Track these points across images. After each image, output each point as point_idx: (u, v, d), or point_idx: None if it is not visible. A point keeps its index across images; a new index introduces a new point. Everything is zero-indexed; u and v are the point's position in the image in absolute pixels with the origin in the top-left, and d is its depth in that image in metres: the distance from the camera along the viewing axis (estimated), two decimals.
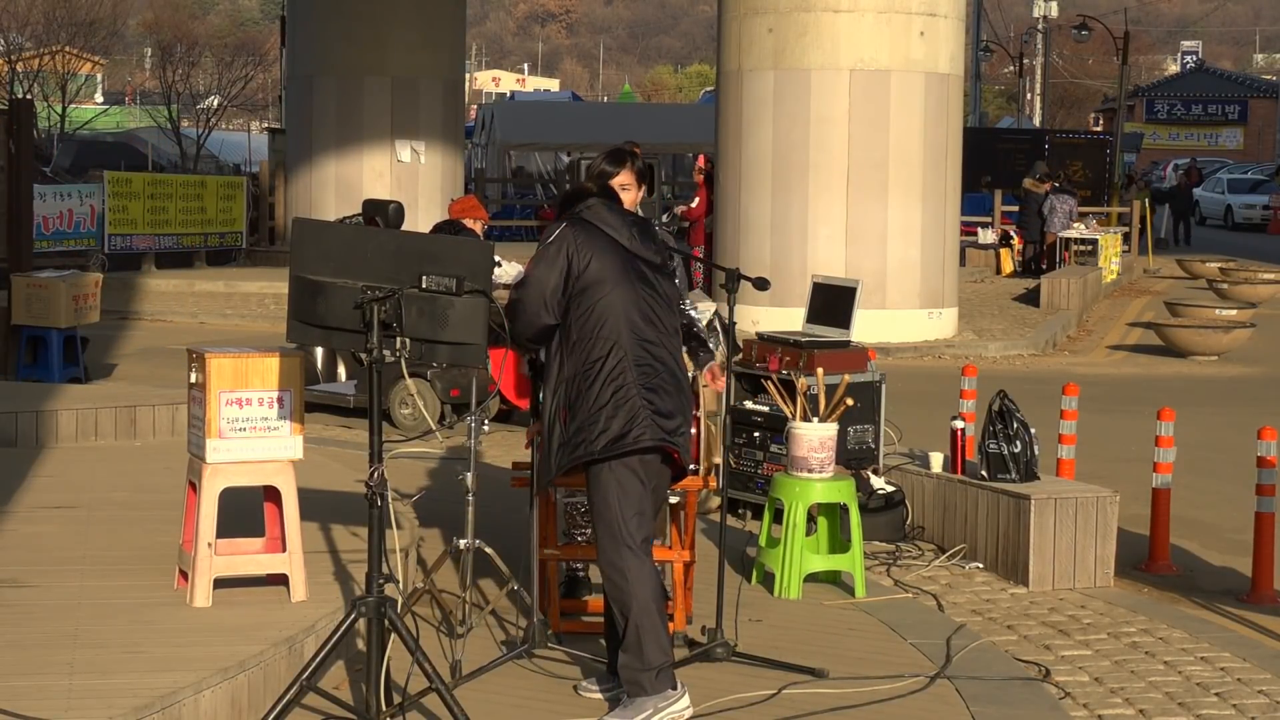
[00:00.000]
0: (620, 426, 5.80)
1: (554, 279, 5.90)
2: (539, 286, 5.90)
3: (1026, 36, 66.28)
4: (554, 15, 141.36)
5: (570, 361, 5.90)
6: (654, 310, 6.01)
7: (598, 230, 5.96)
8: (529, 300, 5.89)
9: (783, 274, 17.70)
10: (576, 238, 5.92)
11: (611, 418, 5.80)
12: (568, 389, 5.90)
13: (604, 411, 5.80)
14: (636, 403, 5.82)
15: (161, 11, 65.91)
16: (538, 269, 5.91)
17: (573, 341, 5.91)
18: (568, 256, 5.90)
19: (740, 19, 19.69)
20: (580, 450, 5.84)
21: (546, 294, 5.89)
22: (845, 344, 9.40)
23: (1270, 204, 50.81)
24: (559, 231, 5.95)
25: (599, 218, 6.01)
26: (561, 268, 5.89)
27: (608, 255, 5.93)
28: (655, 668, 5.77)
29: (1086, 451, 10.98)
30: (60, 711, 5.15)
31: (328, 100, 27.49)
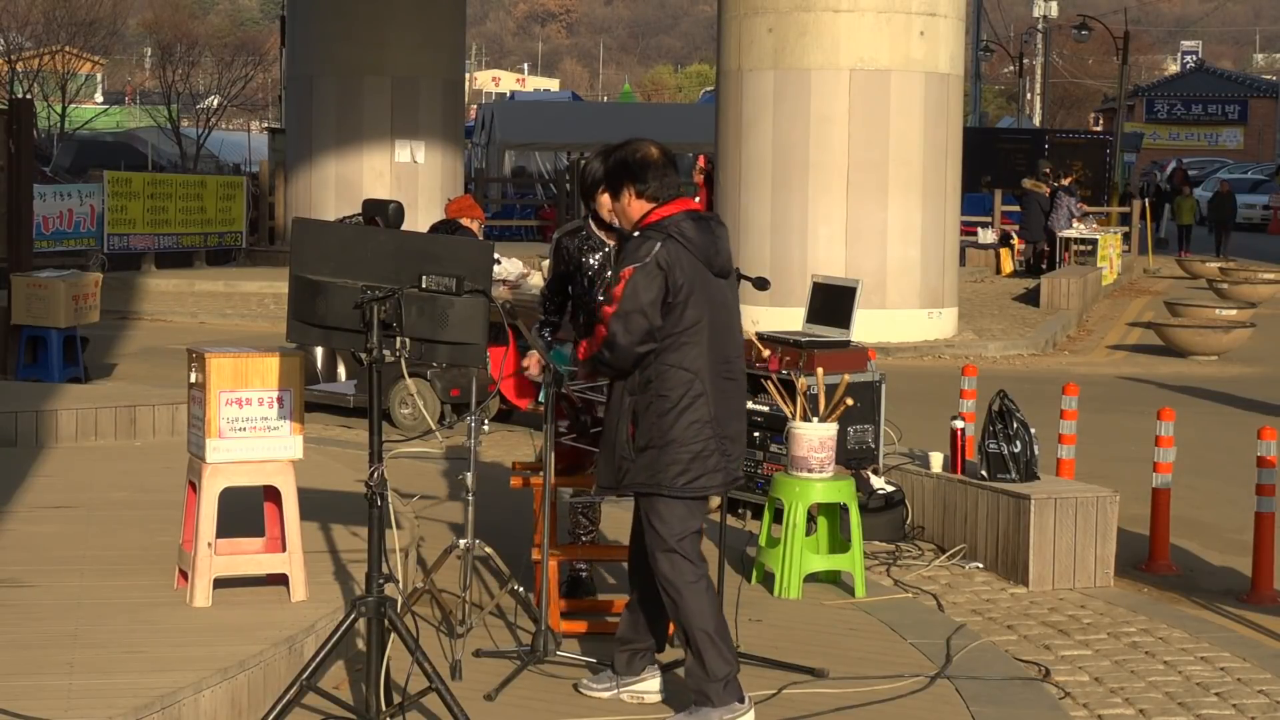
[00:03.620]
0: (697, 470, 5.74)
1: (657, 310, 5.68)
2: (645, 321, 5.67)
3: (1026, 36, 66.30)
4: (554, 15, 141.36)
5: (649, 369, 5.75)
6: (731, 325, 5.92)
7: (685, 251, 5.74)
8: (636, 331, 5.66)
9: (783, 274, 17.69)
10: (670, 262, 5.68)
11: (691, 460, 5.73)
12: (639, 399, 5.77)
13: (683, 451, 5.72)
14: (712, 445, 5.75)
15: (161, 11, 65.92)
16: (640, 297, 5.65)
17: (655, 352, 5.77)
18: (664, 285, 5.68)
19: (740, 19, 19.69)
20: (651, 481, 5.76)
21: (653, 327, 5.69)
22: (845, 344, 9.40)
23: (1270, 204, 50.83)
24: (655, 252, 5.68)
25: (686, 236, 5.76)
26: (659, 294, 5.68)
27: (697, 280, 5.73)
28: (721, 679, 5.76)
29: (1086, 451, 10.98)
30: (60, 711, 5.15)
31: (328, 100, 27.49)
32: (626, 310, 5.65)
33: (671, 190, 5.92)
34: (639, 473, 5.76)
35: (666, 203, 5.85)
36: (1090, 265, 26.70)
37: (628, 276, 5.66)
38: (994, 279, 28.31)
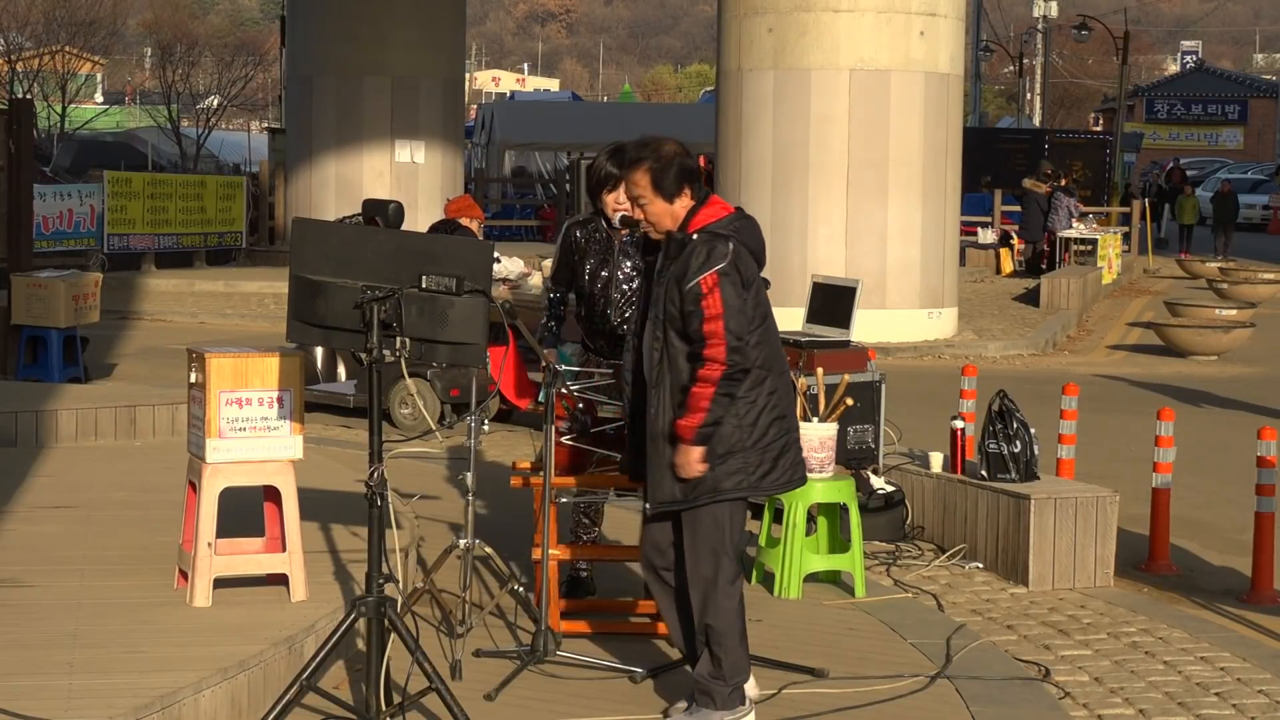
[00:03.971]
0: (784, 467, 5.74)
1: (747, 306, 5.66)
2: (746, 313, 5.63)
3: (1026, 36, 66.30)
4: (554, 15, 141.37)
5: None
6: (775, 322, 5.90)
7: (747, 251, 5.72)
8: (745, 323, 5.61)
9: (783, 274, 17.67)
10: (741, 263, 5.65)
11: (778, 457, 5.72)
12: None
13: (769, 451, 5.70)
14: (791, 440, 5.78)
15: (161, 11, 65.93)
16: (731, 298, 5.59)
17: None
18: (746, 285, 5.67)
19: (740, 19, 19.69)
20: (737, 486, 5.67)
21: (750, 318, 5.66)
22: (845, 344, 9.40)
23: (1270, 204, 50.82)
24: (730, 254, 5.61)
25: (744, 237, 5.72)
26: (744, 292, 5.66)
27: (757, 279, 5.74)
28: (734, 683, 5.75)
29: (1086, 451, 10.98)
30: (60, 711, 5.15)
31: (328, 100, 27.49)
32: (729, 314, 5.58)
33: (703, 192, 5.85)
34: (723, 479, 5.66)
35: (704, 204, 5.77)
36: (1090, 265, 26.71)
37: (715, 282, 5.58)
38: (994, 279, 28.31)
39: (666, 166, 5.74)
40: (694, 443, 5.55)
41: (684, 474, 5.63)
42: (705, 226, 5.68)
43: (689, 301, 5.60)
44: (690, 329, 5.61)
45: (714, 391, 5.55)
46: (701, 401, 5.56)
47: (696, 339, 5.60)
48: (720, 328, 5.55)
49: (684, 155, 5.80)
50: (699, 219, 5.71)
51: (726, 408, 5.59)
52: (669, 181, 5.74)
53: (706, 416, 5.56)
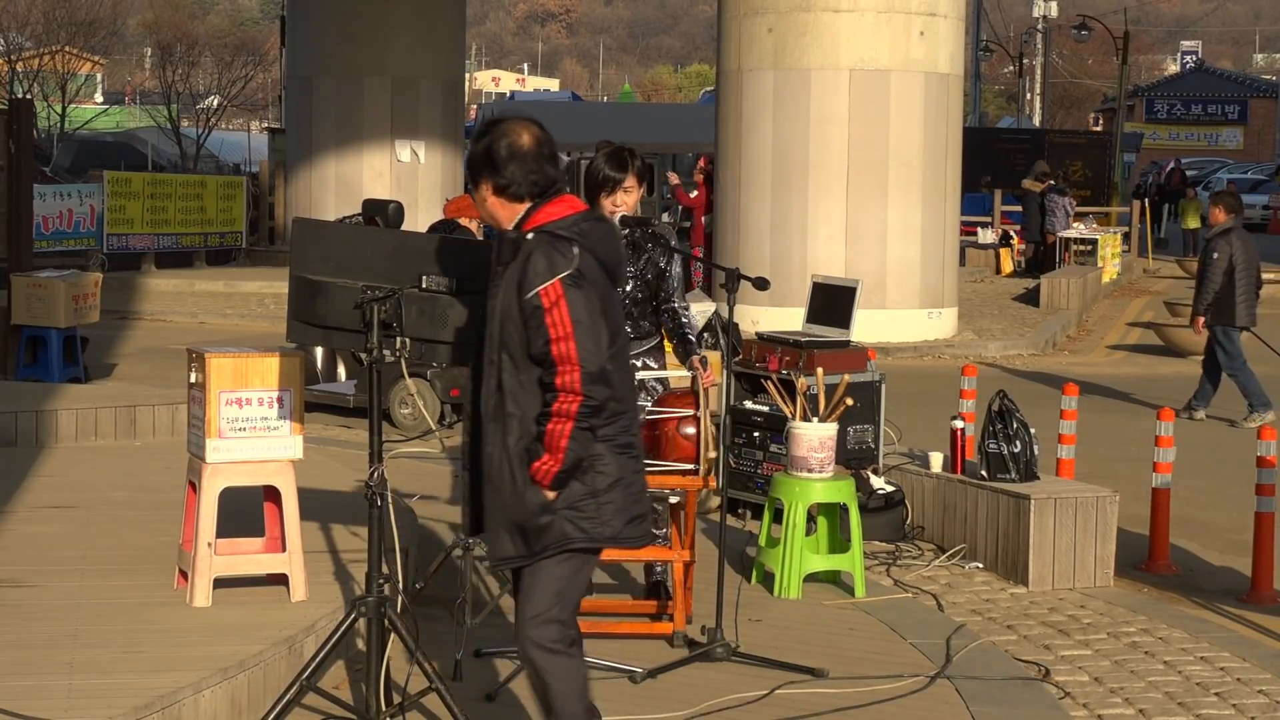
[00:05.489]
0: (639, 509, 4.87)
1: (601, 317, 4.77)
2: (598, 331, 4.72)
3: (1026, 36, 66.30)
4: (554, 15, 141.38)
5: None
6: (628, 343, 5.03)
7: (594, 259, 4.79)
8: (600, 345, 4.71)
9: (782, 274, 17.70)
10: (587, 271, 4.75)
11: (633, 500, 4.84)
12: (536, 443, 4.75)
13: (626, 491, 4.81)
14: (643, 483, 4.90)
15: (161, 11, 65.95)
16: (579, 309, 4.69)
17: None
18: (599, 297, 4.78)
19: (740, 19, 19.69)
20: (592, 533, 4.79)
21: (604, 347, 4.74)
22: (845, 344, 9.40)
23: (1270, 204, 50.79)
24: (575, 260, 4.71)
25: (591, 242, 4.79)
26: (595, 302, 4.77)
27: (607, 293, 4.83)
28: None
29: (1086, 451, 10.98)
30: (60, 711, 5.15)
31: (328, 100, 27.50)
32: (581, 333, 4.66)
33: (546, 185, 4.85)
34: (569, 527, 4.74)
35: (550, 200, 4.83)
36: (1090, 265, 26.71)
37: (560, 293, 4.65)
38: (994, 279, 28.32)
39: (473, 155, 4.91)
40: (552, 488, 4.69)
41: (529, 522, 4.75)
42: (543, 225, 4.78)
43: (529, 317, 4.69)
44: (534, 350, 4.70)
45: (573, 428, 4.64)
46: (560, 440, 4.65)
47: (543, 363, 4.69)
48: (572, 350, 4.63)
49: (498, 139, 4.85)
50: (539, 216, 4.81)
51: (589, 446, 4.70)
52: (472, 171, 4.94)
53: (566, 458, 4.66)
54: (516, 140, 4.82)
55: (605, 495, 4.77)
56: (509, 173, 4.81)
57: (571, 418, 4.64)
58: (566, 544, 4.76)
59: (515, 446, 4.72)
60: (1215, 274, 14.04)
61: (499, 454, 4.76)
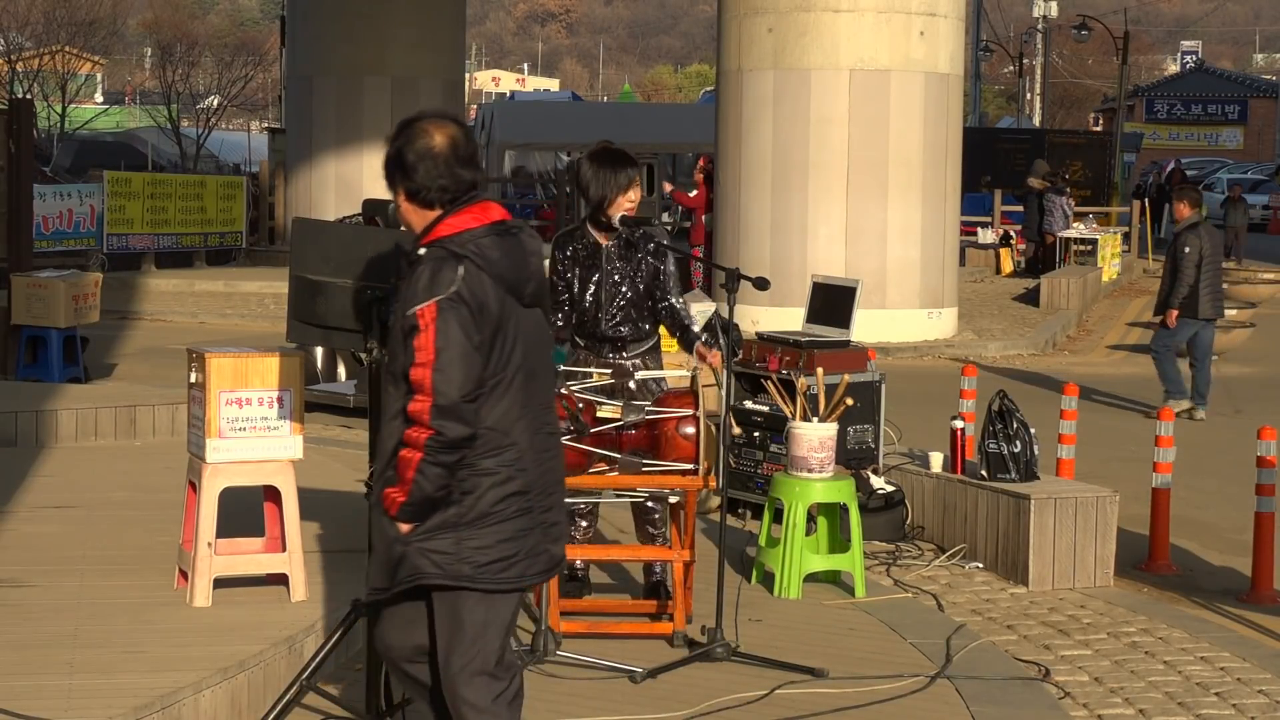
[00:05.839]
0: (512, 554, 4.48)
1: (474, 349, 4.39)
2: (467, 366, 4.36)
3: (1026, 36, 66.32)
4: (554, 15, 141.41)
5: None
6: (546, 368, 4.66)
7: (487, 276, 4.39)
8: (462, 380, 4.35)
9: (783, 274, 17.69)
10: (473, 291, 4.37)
11: (504, 541, 4.46)
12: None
13: (493, 531, 4.44)
14: (529, 523, 4.50)
15: (161, 11, 65.97)
16: (452, 337, 4.34)
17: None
18: (472, 321, 4.39)
19: (740, 19, 19.69)
20: (450, 571, 4.44)
21: (479, 371, 4.41)
22: (845, 344, 9.40)
23: (1270, 204, 50.78)
24: (458, 280, 4.34)
25: (486, 257, 4.41)
26: (472, 330, 4.39)
27: (504, 313, 4.45)
28: None
29: (1086, 451, 10.98)
30: (60, 711, 5.15)
31: (328, 100, 27.50)
32: (444, 361, 4.31)
33: (458, 191, 4.51)
34: (423, 560, 4.43)
35: (460, 208, 4.48)
36: (1090, 265, 26.71)
37: (434, 316, 4.31)
38: (994, 279, 28.32)
39: (386, 158, 4.59)
40: (398, 519, 4.40)
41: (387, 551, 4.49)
42: (441, 239, 4.43)
43: (403, 337, 4.38)
44: (401, 373, 4.39)
45: (421, 460, 4.32)
46: (407, 471, 4.34)
47: (404, 386, 4.39)
48: (428, 377, 4.29)
49: (410, 142, 4.52)
50: (442, 228, 4.47)
51: (442, 482, 4.35)
52: (387, 176, 4.60)
53: (412, 491, 4.34)
54: (428, 141, 4.48)
55: (468, 530, 4.41)
56: (419, 177, 4.48)
57: (420, 449, 4.32)
58: (417, 578, 4.43)
59: (386, 473, 4.47)
60: (1188, 268, 14.23)
61: (379, 480, 4.53)
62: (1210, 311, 14.39)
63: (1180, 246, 14.33)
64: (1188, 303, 14.29)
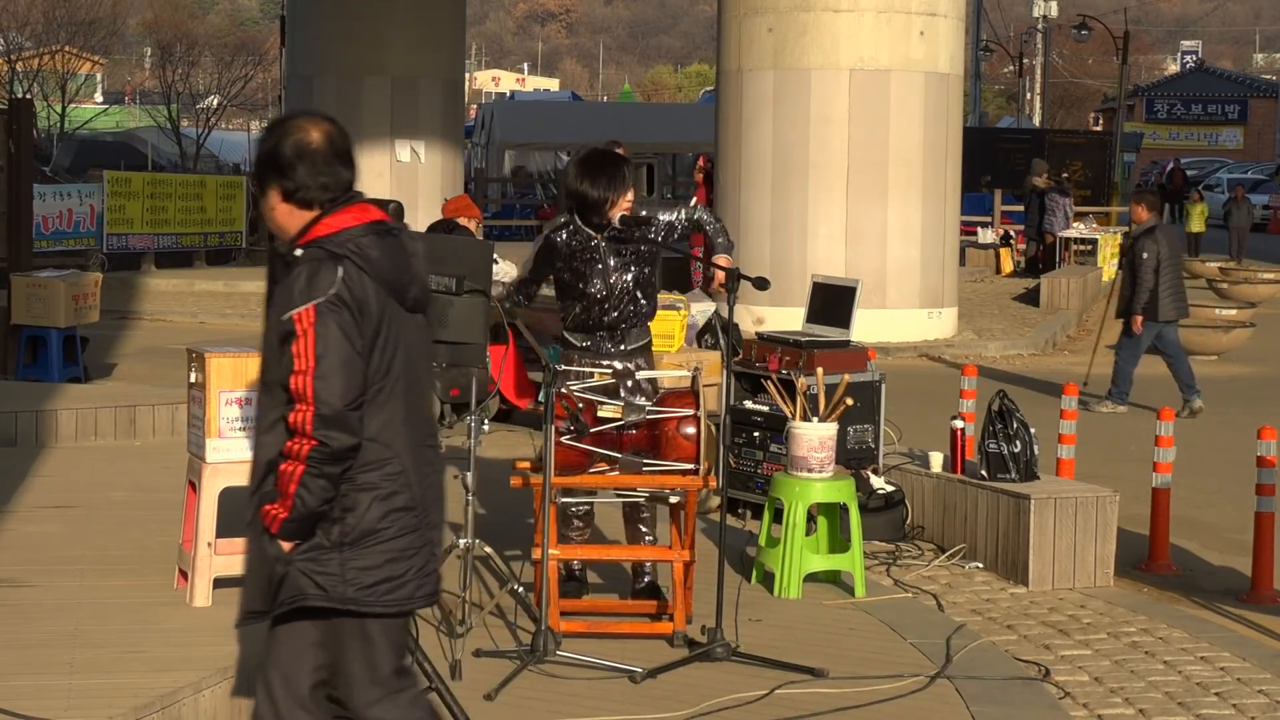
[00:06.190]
0: (400, 575, 4.27)
1: (358, 354, 4.20)
2: (350, 372, 4.15)
3: (1026, 36, 66.32)
4: (554, 15, 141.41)
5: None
6: (427, 377, 4.44)
7: (368, 277, 4.21)
8: (345, 388, 4.14)
9: (783, 274, 17.68)
10: (355, 293, 4.17)
11: (390, 562, 4.25)
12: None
13: (379, 551, 4.23)
14: (417, 542, 4.30)
15: (161, 11, 65.98)
16: (331, 342, 4.13)
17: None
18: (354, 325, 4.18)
19: (740, 19, 19.69)
20: (334, 593, 4.22)
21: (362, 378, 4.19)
22: (845, 344, 9.40)
23: (1270, 204, 50.78)
24: (338, 281, 4.16)
25: (367, 258, 4.21)
26: (354, 334, 4.19)
27: (385, 318, 4.24)
28: None
29: (1086, 451, 10.98)
30: (60, 711, 5.15)
31: (328, 100, 27.47)
32: (325, 368, 4.10)
33: (338, 190, 4.30)
34: (304, 581, 4.21)
35: (339, 208, 4.28)
36: (1090, 265, 26.71)
37: (313, 320, 4.10)
38: (994, 279, 28.31)
39: (260, 157, 4.35)
40: (279, 537, 4.18)
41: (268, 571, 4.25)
42: (319, 239, 4.21)
43: (280, 343, 4.18)
44: (280, 381, 4.18)
45: (304, 473, 4.11)
46: (289, 485, 4.12)
47: (281, 395, 4.18)
48: (309, 385, 4.08)
49: (284, 138, 4.30)
50: (320, 228, 4.25)
51: (326, 495, 4.15)
52: (259, 176, 4.36)
53: (294, 506, 4.13)
54: (305, 138, 4.27)
55: (351, 550, 4.19)
56: (297, 175, 4.25)
57: (302, 461, 4.11)
58: (298, 600, 4.20)
59: (262, 488, 4.24)
60: (1147, 273, 14.36)
61: (253, 492, 4.30)
62: (1172, 313, 14.55)
63: (1139, 251, 14.47)
64: (1148, 306, 14.38)
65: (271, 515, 4.17)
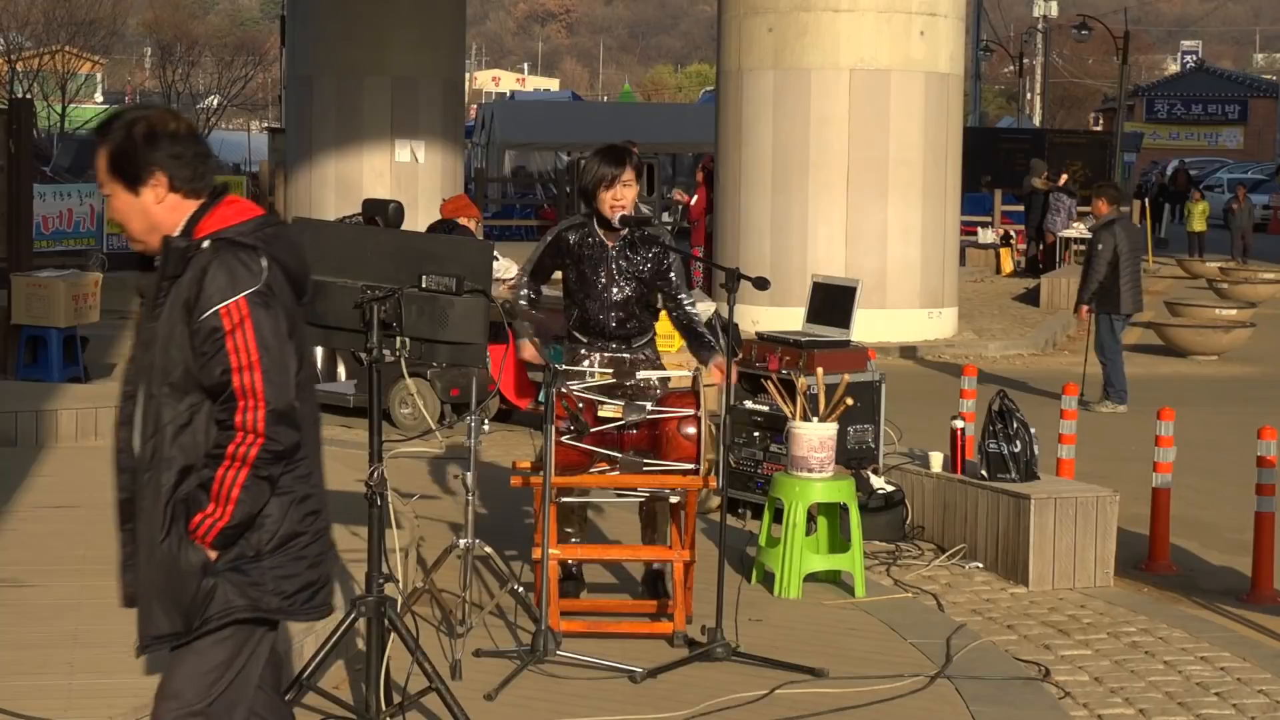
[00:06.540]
0: (298, 585, 4.11)
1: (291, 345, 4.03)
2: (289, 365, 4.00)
3: (1026, 36, 66.36)
4: (554, 15, 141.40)
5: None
6: (315, 373, 4.38)
7: (281, 271, 4.04)
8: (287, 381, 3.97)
9: (783, 274, 17.69)
10: (276, 287, 4.00)
11: (311, 565, 4.13)
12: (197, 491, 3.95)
13: (301, 557, 4.11)
14: (329, 543, 4.25)
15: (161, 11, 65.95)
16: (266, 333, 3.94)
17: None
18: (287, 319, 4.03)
19: (740, 19, 19.69)
20: (258, 603, 4.02)
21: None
22: (845, 344, 9.40)
23: (1270, 204, 50.76)
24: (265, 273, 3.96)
25: (277, 251, 4.03)
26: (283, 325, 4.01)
27: (293, 314, 4.07)
28: None
29: (1086, 451, 10.98)
30: (60, 711, 5.15)
31: (328, 100, 27.49)
32: (269, 361, 3.91)
33: (211, 181, 4.10)
34: (233, 593, 3.98)
35: (220, 200, 4.07)
36: None
37: (246, 313, 3.89)
38: (994, 279, 28.31)
39: (126, 145, 4.10)
40: (215, 546, 3.94)
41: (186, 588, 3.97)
42: (220, 231, 3.99)
43: (203, 342, 3.91)
44: (207, 381, 3.92)
45: (248, 475, 3.90)
46: (231, 489, 3.89)
47: (218, 397, 3.92)
48: (257, 382, 3.88)
49: (161, 125, 4.06)
50: (212, 220, 4.01)
51: (264, 498, 3.96)
52: (127, 165, 4.08)
53: (236, 511, 3.91)
54: (179, 126, 4.05)
55: (270, 558, 4.01)
56: (190, 161, 4.04)
57: (248, 464, 3.89)
58: (231, 614, 3.97)
59: (175, 496, 3.94)
60: (1100, 264, 14.45)
61: (156, 506, 3.96)
62: (1130, 306, 14.69)
63: (1094, 243, 14.60)
64: (1108, 298, 14.46)
65: (208, 524, 3.90)
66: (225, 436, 3.90)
